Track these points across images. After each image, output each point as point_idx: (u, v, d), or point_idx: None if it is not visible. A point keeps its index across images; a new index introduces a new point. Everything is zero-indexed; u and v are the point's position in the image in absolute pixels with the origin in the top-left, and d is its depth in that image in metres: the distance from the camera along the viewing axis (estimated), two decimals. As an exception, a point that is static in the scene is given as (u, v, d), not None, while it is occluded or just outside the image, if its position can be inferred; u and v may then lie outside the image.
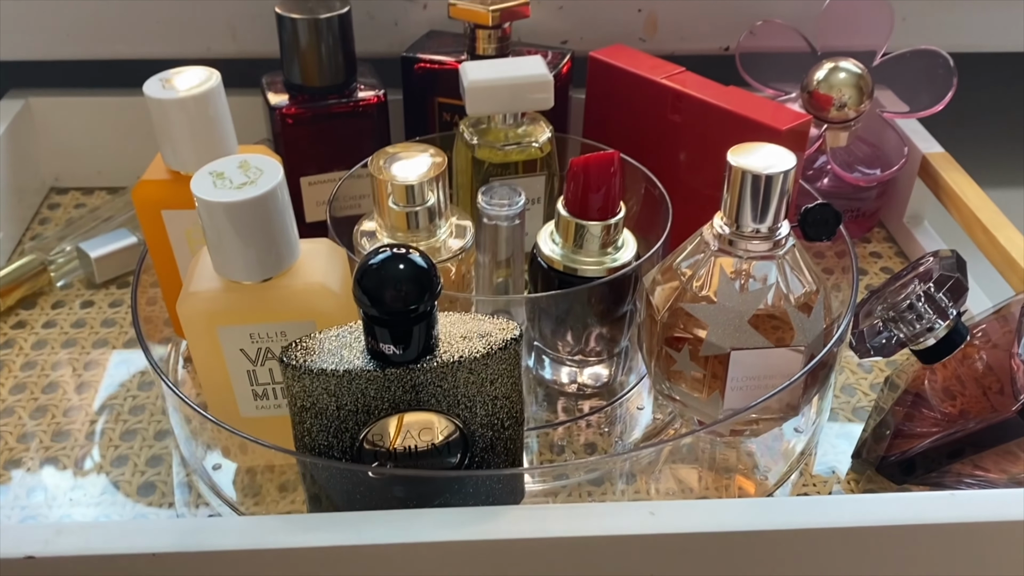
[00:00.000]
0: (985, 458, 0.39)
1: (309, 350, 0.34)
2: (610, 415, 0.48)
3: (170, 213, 0.44)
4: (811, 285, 0.40)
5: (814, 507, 0.34)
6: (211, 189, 0.35)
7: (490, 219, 0.45)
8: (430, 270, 0.32)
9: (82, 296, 0.55)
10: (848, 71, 0.57)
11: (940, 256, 0.42)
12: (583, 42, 0.61)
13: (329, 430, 0.35)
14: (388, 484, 0.36)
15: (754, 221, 0.38)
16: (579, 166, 0.42)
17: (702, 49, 0.63)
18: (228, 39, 0.60)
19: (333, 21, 0.50)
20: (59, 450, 0.45)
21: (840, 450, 0.46)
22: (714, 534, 0.32)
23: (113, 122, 0.63)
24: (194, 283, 0.37)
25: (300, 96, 0.51)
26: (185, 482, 0.44)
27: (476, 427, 0.36)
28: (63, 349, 0.51)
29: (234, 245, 0.36)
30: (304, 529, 0.33)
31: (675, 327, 0.40)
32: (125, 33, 0.60)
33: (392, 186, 0.42)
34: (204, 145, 0.42)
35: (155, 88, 0.42)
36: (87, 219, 0.59)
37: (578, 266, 0.44)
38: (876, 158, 0.59)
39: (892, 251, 0.60)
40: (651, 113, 0.52)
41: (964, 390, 0.41)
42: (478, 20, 0.52)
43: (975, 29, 0.63)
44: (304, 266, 0.38)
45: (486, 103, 0.48)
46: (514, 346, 0.35)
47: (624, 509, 0.33)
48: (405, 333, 0.33)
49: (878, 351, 0.41)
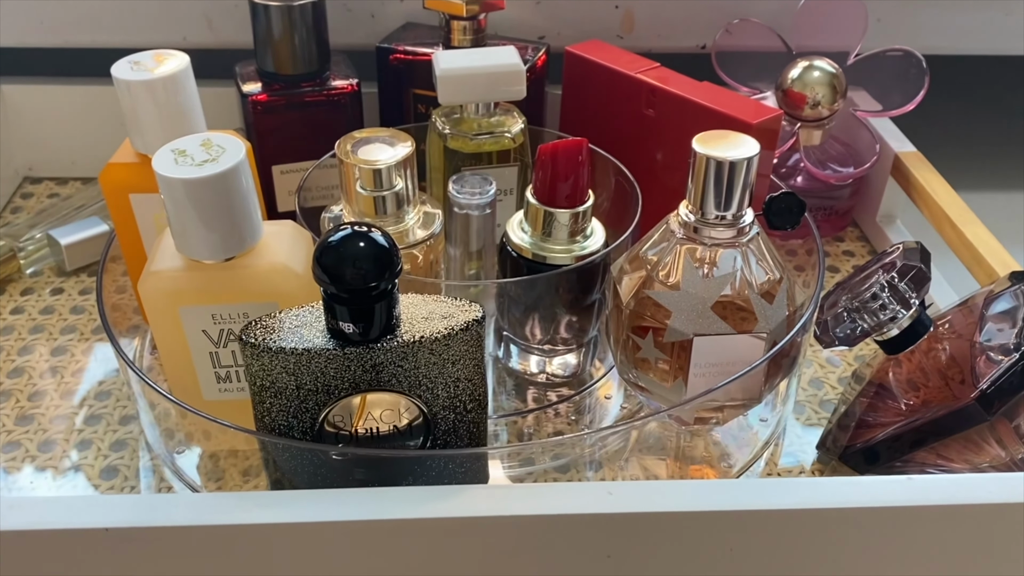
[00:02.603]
0: (949, 447, 0.40)
1: (269, 328, 0.34)
2: (579, 404, 0.47)
3: (138, 197, 0.44)
4: (774, 273, 0.40)
5: (771, 489, 0.33)
6: (172, 166, 0.35)
7: (461, 208, 0.45)
8: (391, 249, 0.32)
9: (52, 283, 0.55)
10: (822, 70, 0.57)
11: (905, 247, 0.42)
12: (560, 38, 0.62)
13: (289, 410, 0.34)
14: (350, 467, 0.36)
15: (718, 208, 0.38)
16: (547, 153, 0.42)
17: (679, 47, 0.63)
18: (204, 29, 0.60)
19: (307, 9, 0.50)
20: (22, 434, 0.45)
21: (806, 441, 0.46)
22: (671, 513, 0.32)
23: (88, 112, 0.63)
24: (156, 262, 0.37)
25: (273, 84, 0.51)
26: (150, 467, 0.43)
27: (438, 409, 0.36)
28: (31, 335, 0.51)
29: (195, 223, 0.36)
30: (259, 505, 0.32)
31: (642, 315, 0.40)
32: (101, 21, 0.60)
33: (360, 170, 0.42)
34: (172, 128, 0.42)
35: (124, 70, 0.42)
36: (59, 207, 0.58)
37: (547, 254, 0.44)
38: (849, 156, 0.59)
39: (865, 250, 0.61)
40: (626, 107, 0.53)
41: (928, 382, 0.41)
42: (453, 11, 0.53)
43: (948, 31, 0.63)
44: (267, 246, 0.38)
45: (458, 92, 0.48)
46: (476, 327, 0.35)
47: (583, 488, 0.33)
48: (365, 312, 0.33)
49: (842, 341, 0.41)
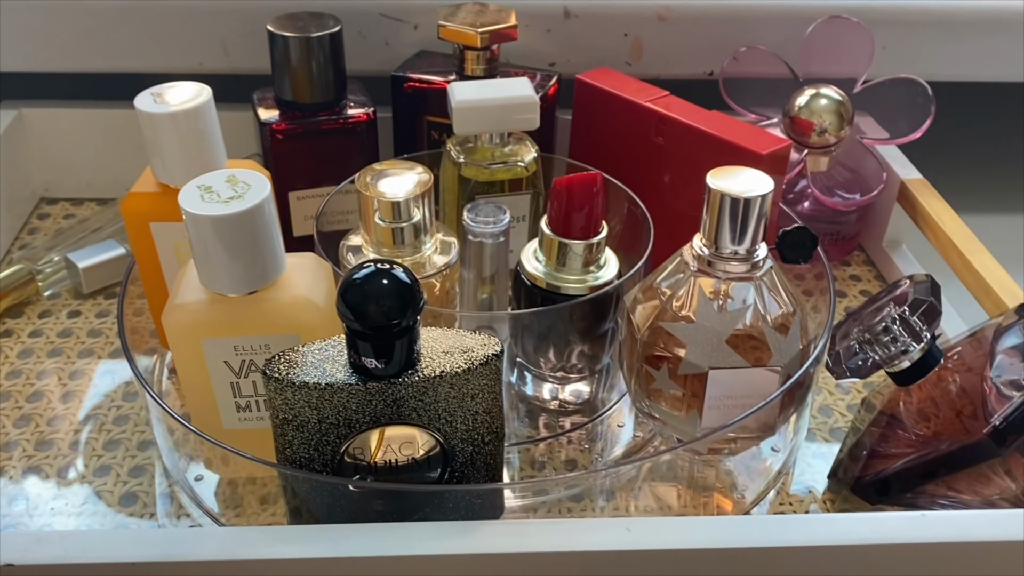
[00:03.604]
0: (958, 480, 0.40)
1: (292, 363, 0.34)
2: (591, 432, 0.48)
3: (158, 226, 0.44)
4: (788, 306, 0.41)
5: (788, 526, 0.34)
6: (199, 202, 0.35)
7: (475, 236, 0.45)
8: (413, 285, 0.33)
9: (69, 306, 0.56)
10: (829, 98, 0.58)
11: (915, 280, 0.43)
12: (570, 65, 0.62)
13: (310, 443, 0.35)
14: (368, 498, 0.36)
15: (733, 243, 0.39)
16: (562, 186, 0.43)
17: (686, 74, 0.64)
18: (220, 55, 0.61)
19: (324, 39, 0.50)
20: (42, 459, 0.45)
21: (817, 470, 0.46)
22: (689, 551, 0.33)
23: (104, 134, 0.63)
24: (180, 295, 0.38)
25: (290, 112, 0.52)
26: (167, 493, 0.44)
27: (456, 442, 0.36)
28: (49, 358, 0.52)
29: (220, 258, 0.36)
30: (284, 541, 0.33)
31: (655, 346, 0.41)
32: (119, 47, 0.60)
33: (378, 202, 0.43)
34: (193, 159, 0.43)
35: (146, 102, 0.42)
36: (76, 230, 0.59)
37: (560, 284, 0.44)
38: (856, 183, 0.60)
39: (871, 274, 0.61)
40: (635, 135, 0.53)
41: (938, 412, 0.42)
42: (467, 41, 0.53)
43: (954, 58, 0.64)
44: (289, 280, 0.38)
45: (473, 123, 0.48)
46: (495, 362, 0.35)
47: (601, 525, 0.34)
48: (387, 347, 0.33)
49: (854, 372, 0.42)
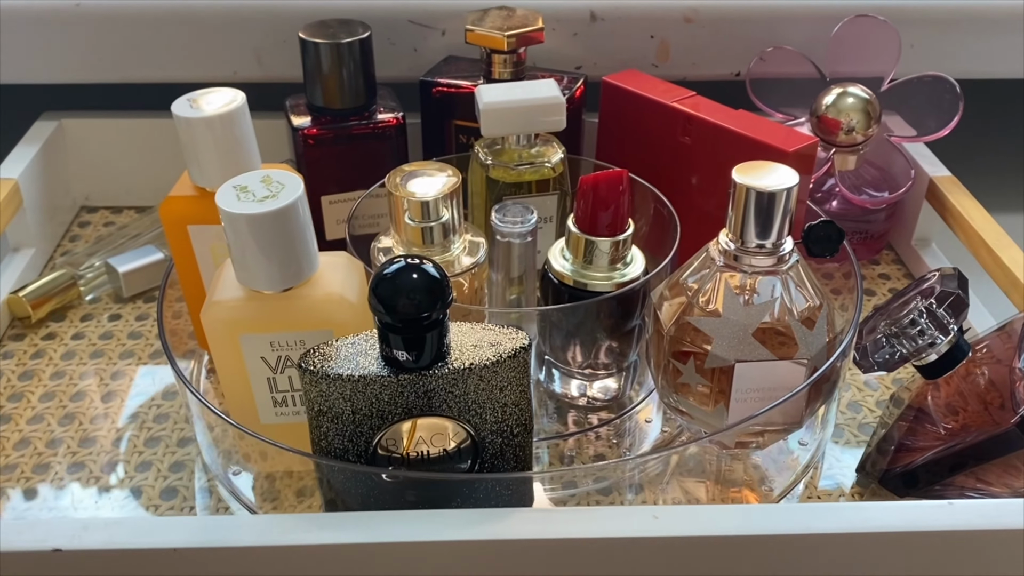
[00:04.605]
0: (988, 471, 0.40)
1: (327, 356, 0.35)
2: (619, 427, 0.49)
3: (196, 228, 0.46)
4: (814, 300, 0.41)
5: (815, 513, 0.34)
6: (235, 202, 0.37)
7: (503, 236, 0.46)
8: (442, 279, 0.34)
9: (110, 310, 0.57)
10: (856, 96, 0.58)
11: (942, 273, 0.43)
12: (596, 67, 0.63)
13: (345, 434, 0.36)
14: (401, 489, 0.37)
15: (758, 237, 0.39)
16: (588, 184, 0.44)
17: (713, 74, 0.64)
18: (254, 64, 0.62)
19: (354, 46, 0.52)
20: (85, 455, 0.47)
21: (845, 464, 0.46)
22: (716, 537, 0.33)
23: (142, 143, 0.65)
24: (218, 292, 0.39)
25: (322, 118, 0.53)
26: (206, 487, 0.45)
27: (486, 433, 0.37)
28: (91, 360, 0.53)
29: (256, 256, 0.37)
30: (318, 527, 0.34)
31: (682, 341, 0.42)
32: (155, 58, 0.62)
33: (408, 202, 0.44)
34: (229, 163, 0.44)
35: (183, 107, 0.44)
36: (116, 236, 0.61)
37: (588, 281, 0.45)
38: (884, 181, 0.60)
39: (900, 272, 0.61)
40: (662, 135, 0.54)
41: (967, 406, 0.42)
42: (494, 45, 0.54)
43: (980, 56, 0.64)
44: (323, 277, 0.39)
45: (500, 125, 0.49)
46: (523, 355, 0.36)
47: (628, 512, 0.34)
48: (418, 340, 0.34)
49: (881, 366, 0.42)
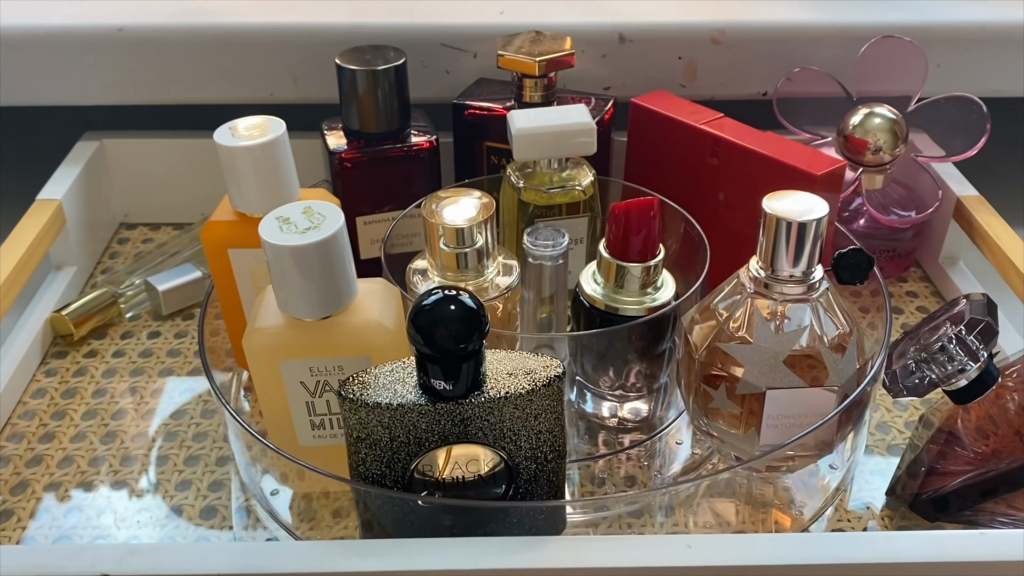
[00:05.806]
0: (1018, 497, 0.40)
1: (365, 384, 0.36)
2: (650, 449, 0.49)
3: (236, 252, 0.47)
4: (845, 327, 0.41)
5: (847, 543, 0.35)
6: (277, 233, 0.38)
7: (535, 259, 0.47)
8: (479, 311, 0.35)
9: (149, 327, 0.59)
10: (883, 116, 0.58)
11: (971, 299, 0.43)
12: (625, 88, 0.63)
13: (382, 460, 0.37)
14: (437, 513, 0.38)
15: (789, 266, 0.40)
16: (620, 211, 0.44)
17: (740, 94, 0.65)
18: (290, 86, 0.63)
19: (390, 72, 0.53)
20: (127, 474, 0.48)
21: (875, 486, 0.47)
22: (750, 567, 0.34)
23: (180, 162, 0.67)
24: (259, 319, 0.40)
25: (357, 141, 0.54)
26: (244, 506, 0.46)
27: (520, 460, 0.38)
28: (131, 377, 0.55)
29: (298, 285, 0.38)
30: (358, 554, 0.35)
31: (712, 365, 0.42)
32: (194, 80, 0.63)
33: (443, 229, 0.45)
34: (269, 189, 0.45)
35: (225, 136, 0.45)
36: (155, 254, 0.62)
37: (619, 305, 0.45)
38: (911, 200, 0.60)
39: (928, 291, 0.61)
40: (690, 157, 0.54)
41: (997, 430, 0.42)
42: (525, 70, 0.55)
43: (1008, 75, 0.64)
44: (361, 304, 0.40)
45: (532, 149, 0.50)
46: (557, 383, 0.37)
47: (662, 542, 0.35)
48: (455, 370, 0.35)
49: (911, 391, 0.42)
